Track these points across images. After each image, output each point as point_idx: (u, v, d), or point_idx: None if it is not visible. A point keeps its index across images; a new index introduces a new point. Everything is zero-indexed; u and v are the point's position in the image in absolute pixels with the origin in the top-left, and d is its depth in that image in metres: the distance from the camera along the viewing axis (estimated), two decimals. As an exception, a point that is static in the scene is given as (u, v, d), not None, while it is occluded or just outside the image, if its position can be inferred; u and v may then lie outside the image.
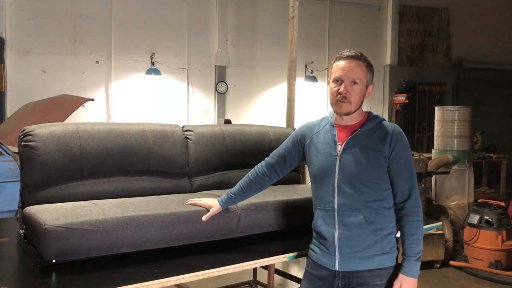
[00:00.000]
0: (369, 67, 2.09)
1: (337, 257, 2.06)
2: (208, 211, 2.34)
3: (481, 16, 10.20)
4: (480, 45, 10.15)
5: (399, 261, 2.12)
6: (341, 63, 2.06)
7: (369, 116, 2.13)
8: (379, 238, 2.04)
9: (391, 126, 2.10)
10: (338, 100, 2.05)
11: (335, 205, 2.06)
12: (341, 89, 2.03)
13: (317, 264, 2.16)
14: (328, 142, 2.12)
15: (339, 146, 2.08)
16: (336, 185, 2.06)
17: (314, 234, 2.20)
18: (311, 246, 2.22)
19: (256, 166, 2.39)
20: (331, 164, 2.08)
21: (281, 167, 2.34)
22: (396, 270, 2.09)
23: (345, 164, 2.04)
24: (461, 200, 6.36)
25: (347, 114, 2.07)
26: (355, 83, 2.04)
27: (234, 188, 2.38)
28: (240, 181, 2.39)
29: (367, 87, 2.09)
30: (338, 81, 2.06)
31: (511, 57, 10.34)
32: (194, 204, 2.37)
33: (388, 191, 2.07)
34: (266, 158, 2.39)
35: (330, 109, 2.17)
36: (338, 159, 2.06)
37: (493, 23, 10.25)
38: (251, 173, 2.37)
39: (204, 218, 2.31)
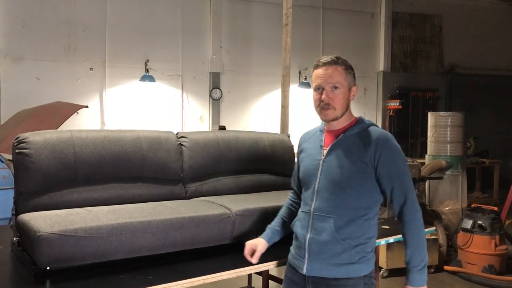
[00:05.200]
0: (348, 70, 2.07)
1: (306, 261, 2.06)
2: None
3: (473, 22, 10.29)
4: (472, 51, 10.24)
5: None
6: (319, 71, 2.06)
7: (358, 121, 2.11)
8: (347, 247, 1.99)
9: (378, 132, 2.05)
10: (322, 107, 2.06)
11: (312, 209, 2.07)
12: (323, 96, 2.04)
13: (291, 266, 2.17)
14: (315, 147, 2.13)
15: (324, 151, 2.09)
16: (316, 189, 2.06)
17: (293, 235, 2.21)
18: (291, 247, 2.21)
19: (288, 197, 2.41)
20: (314, 168, 2.09)
21: (301, 187, 2.29)
22: (367, 280, 2.03)
23: (327, 169, 2.04)
24: (455, 205, 6.39)
25: (334, 119, 2.07)
26: (336, 87, 2.03)
27: (275, 221, 2.36)
28: (278, 214, 2.38)
29: (350, 90, 2.07)
30: (319, 89, 2.06)
31: (503, 63, 10.44)
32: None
33: (369, 199, 2.02)
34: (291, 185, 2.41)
35: None
36: (321, 164, 2.07)
37: (485, 29, 10.34)
38: (287, 203, 2.39)
39: (254, 260, 2.25)
